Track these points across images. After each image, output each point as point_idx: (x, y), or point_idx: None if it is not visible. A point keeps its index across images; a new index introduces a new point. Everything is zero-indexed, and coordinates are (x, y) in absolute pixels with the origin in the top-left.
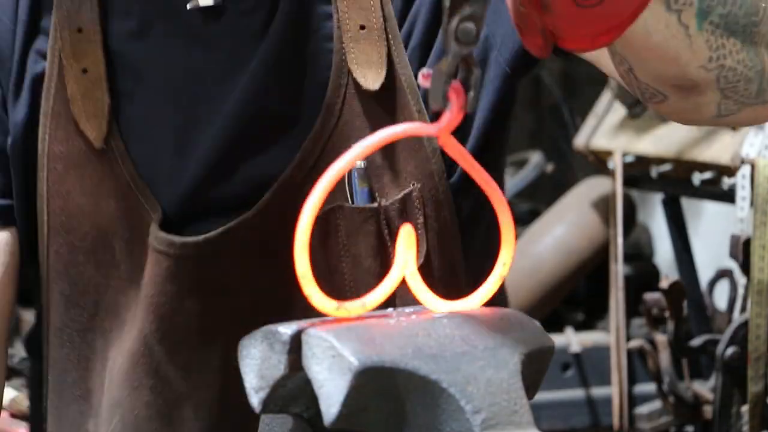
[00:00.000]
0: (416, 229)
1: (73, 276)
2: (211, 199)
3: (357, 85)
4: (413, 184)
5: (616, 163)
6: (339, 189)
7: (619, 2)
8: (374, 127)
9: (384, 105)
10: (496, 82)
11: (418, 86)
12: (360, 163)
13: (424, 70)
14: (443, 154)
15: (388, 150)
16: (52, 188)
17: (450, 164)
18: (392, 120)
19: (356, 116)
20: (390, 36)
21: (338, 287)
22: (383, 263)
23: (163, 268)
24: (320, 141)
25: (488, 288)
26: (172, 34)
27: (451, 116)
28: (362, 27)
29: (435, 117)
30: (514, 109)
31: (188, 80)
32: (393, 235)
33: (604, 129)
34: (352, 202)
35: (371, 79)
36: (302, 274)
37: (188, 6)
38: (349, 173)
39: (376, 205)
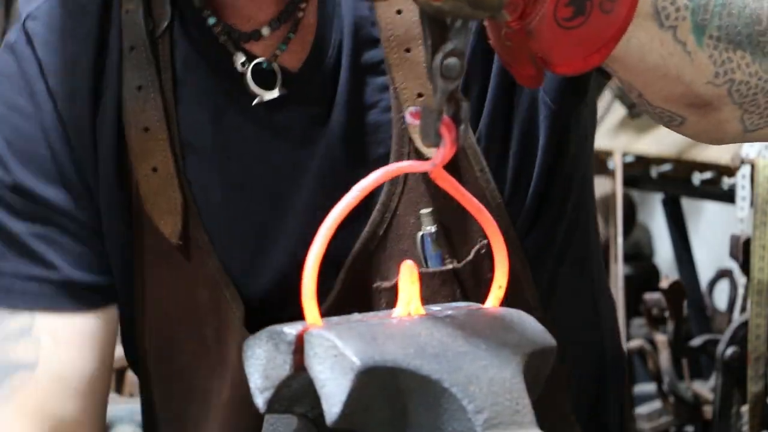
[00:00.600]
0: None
1: (168, 360)
2: (293, 289)
3: (419, 154)
4: (480, 241)
5: (616, 163)
6: (412, 256)
7: (603, 20)
8: (437, 192)
9: (447, 167)
10: (546, 123)
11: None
12: (431, 228)
13: (412, 109)
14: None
15: (454, 213)
16: (147, 272)
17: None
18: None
19: (420, 183)
20: None
21: None
22: None
23: None
24: (387, 211)
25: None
26: (241, 124)
27: (444, 151)
28: (420, 95)
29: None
30: (588, 140)
31: (262, 169)
32: (467, 298)
33: (604, 129)
34: (427, 265)
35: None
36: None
37: (254, 103)
38: (422, 239)
39: (450, 267)
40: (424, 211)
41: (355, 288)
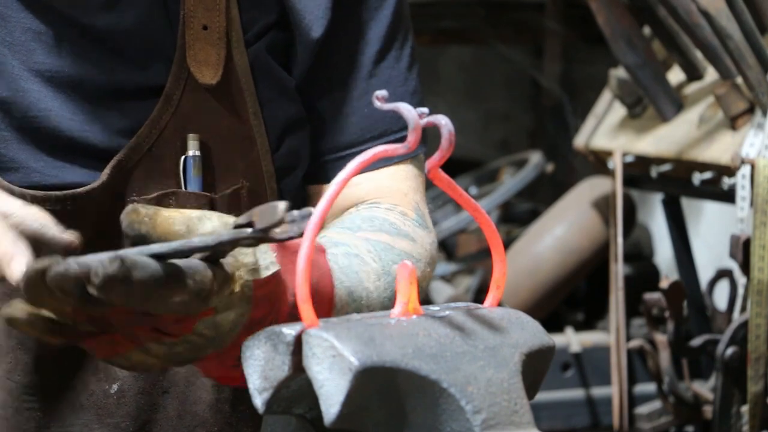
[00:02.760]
0: None
1: None
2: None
3: (195, 81)
4: (242, 182)
5: (616, 163)
6: (173, 175)
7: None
8: (209, 121)
9: (221, 101)
10: None
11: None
12: (195, 152)
13: (378, 93)
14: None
15: (221, 146)
16: None
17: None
18: (227, 115)
19: (193, 109)
20: (232, 38)
21: None
22: None
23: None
24: (156, 128)
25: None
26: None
27: (441, 152)
28: (205, 27)
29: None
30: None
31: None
32: None
33: (604, 129)
34: (186, 188)
35: (208, 76)
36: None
37: None
38: (185, 160)
39: (208, 194)
40: (192, 135)
41: (111, 194)
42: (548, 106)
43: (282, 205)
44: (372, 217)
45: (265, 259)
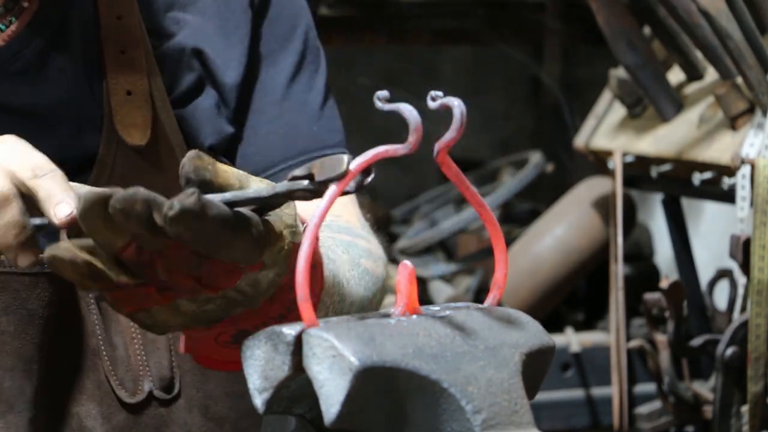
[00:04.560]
0: None
1: None
2: None
3: (125, 143)
4: None
5: (616, 163)
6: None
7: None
8: (144, 181)
9: (151, 160)
10: None
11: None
12: None
13: (379, 94)
14: None
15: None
16: None
17: None
18: (160, 174)
19: (127, 171)
20: (156, 99)
21: None
22: None
23: None
24: (105, 169)
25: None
26: None
27: (451, 134)
28: (129, 92)
29: None
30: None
31: None
32: None
33: (604, 129)
34: None
35: (137, 137)
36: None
37: None
38: None
39: None
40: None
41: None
42: (548, 106)
43: (346, 157)
44: (328, 223)
45: (300, 225)
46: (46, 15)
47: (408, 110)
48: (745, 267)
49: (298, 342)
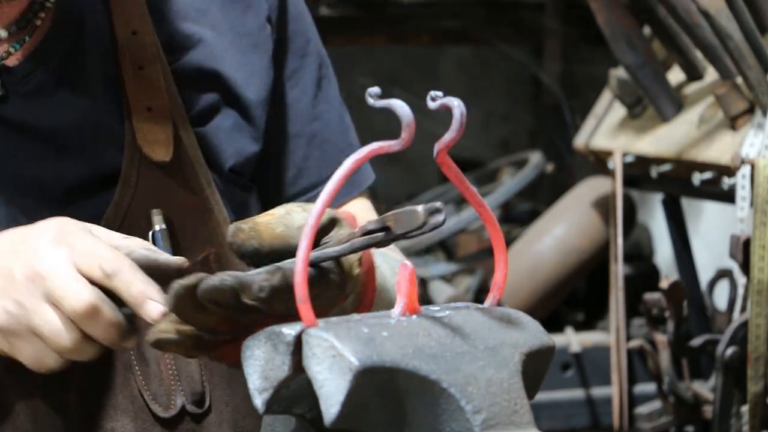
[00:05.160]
0: None
1: None
2: None
3: (149, 160)
4: (209, 249)
5: (616, 163)
6: None
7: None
8: (167, 196)
9: (175, 177)
10: None
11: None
12: (161, 226)
13: (371, 91)
14: None
15: (182, 219)
16: None
17: None
18: (183, 190)
19: (151, 187)
20: (176, 116)
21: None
22: None
23: None
24: (121, 209)
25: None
26: None
27: (452, 134)
28: (149, 108)
29: None
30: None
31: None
32: None
33: (604, 129)
34: None
35: (161, 153)
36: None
37: None
38: (153, 235)
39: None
40: (155, 211)
41: None
42: (548, 106)
43: (420, 208)
44: None
45: None
46: (60, 33)
47: (400, 106)
48: (745, 267)
49: (298, 342)
